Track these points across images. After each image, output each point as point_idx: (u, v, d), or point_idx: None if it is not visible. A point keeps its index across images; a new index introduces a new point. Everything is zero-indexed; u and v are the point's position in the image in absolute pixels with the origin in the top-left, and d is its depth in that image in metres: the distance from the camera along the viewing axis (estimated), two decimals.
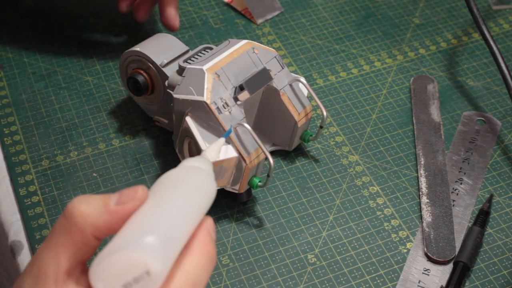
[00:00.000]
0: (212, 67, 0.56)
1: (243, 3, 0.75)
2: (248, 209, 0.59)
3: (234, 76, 0.56)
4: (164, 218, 0.36)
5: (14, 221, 0.58)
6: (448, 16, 0.76)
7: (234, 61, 0.57)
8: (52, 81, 0.68)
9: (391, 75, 0.70)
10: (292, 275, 0.56)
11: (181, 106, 0.56)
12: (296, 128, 0.60)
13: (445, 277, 0.55)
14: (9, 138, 0.64)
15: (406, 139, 0.65)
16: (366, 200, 0.60)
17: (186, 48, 0.62)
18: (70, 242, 0.37)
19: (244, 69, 0.57)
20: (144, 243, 0.35)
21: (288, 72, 0.60)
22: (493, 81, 0.70)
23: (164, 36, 0.63)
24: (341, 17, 0.75)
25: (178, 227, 0.37)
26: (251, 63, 0.58)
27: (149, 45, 0.61)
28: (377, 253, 0.57)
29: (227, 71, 0.56)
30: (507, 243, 0.58)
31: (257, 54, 0.58)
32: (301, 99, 0.60)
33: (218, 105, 0.55)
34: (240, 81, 0.56)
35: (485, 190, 0.61)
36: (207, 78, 0.55)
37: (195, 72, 0.55)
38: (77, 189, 0.60)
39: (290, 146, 0.62)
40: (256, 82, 0.57)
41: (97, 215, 0.37)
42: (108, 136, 0.64)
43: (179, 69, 0.58)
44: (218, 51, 0.58)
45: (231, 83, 0.56)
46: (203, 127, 0.55)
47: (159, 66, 0.60)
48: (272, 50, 0.60)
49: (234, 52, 0.57)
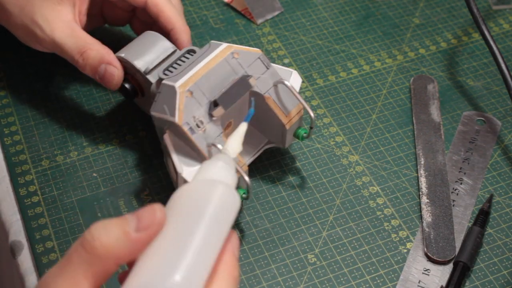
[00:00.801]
0: (185, 83, 0.53)
1: (243, 3, 0.75)
2: (248, 209, 0.59)
3: (210, 89, 0.54)
4: (188, 251, 0.35)
5: (14, 221, 0.58)
6: (448, 16, 0.76)
7: (210, 72, 0.54)
8: (52, 81, 0.68)
9: (391, 75, 0.70)
10: (292, 275, 0.56)
11: (159, 123, 0.55)
12: (285, 130, 0.58)
13: (445, 277, 0.55)
14: (9, 138, 0.64)
15: (406, 139, 0.65)
16: (366, 200, 0.60)
17: (173, 48, 0.60)
18: (91, 273, 0.36)
19: (222, 79, 0.54)
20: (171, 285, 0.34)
21: (274, 72, 0.57)
22: (493, 81, 0.70)
23: (151, 36, 0.61)
24: (341, 17, 0.75)
25: (203, 259, 0.36)
26: (230, 71, 0.55)
27: (134, 48, 0.60)
28: (377, 253, 0.57)
29: (201, 86, 0.53)
30: (507, 243, 0.58)
31: (237, 59, 0.55)
32: (289, 100, 0.57)
33: (191, 125, 0.52)
34: (216, 94, 0.54)
35: (485, 190, 0.61)
36: (179, 97, 0.52)
37: (168, 89, 0.53)
38: (77, 189, 0.60)
39: (283, 144, 0.59)
40: (232, 94, 0.54)
41: (119, 245, 0.36)
42: (108, 136, 0.64)
43: (158, 79, 0.57)
44: (197, 58, 0.55)
45: (206, 97, 0.53)
46: (180, 145, 0.53)
47: (143, 73, 0.59)
48: (256, 51, 0.57)
49: (211, 61, 0.54)
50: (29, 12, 0.59)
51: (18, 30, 0.61)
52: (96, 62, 0.59)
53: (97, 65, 0.59)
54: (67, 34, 0.59)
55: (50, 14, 0.59)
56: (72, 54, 0.59)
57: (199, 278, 0.35)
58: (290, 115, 0.57)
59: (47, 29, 0.59)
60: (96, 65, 0.59)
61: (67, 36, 0.59)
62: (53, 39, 0.59)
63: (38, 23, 0.59)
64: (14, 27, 0.61)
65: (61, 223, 0.58)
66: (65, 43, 0.59)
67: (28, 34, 0.60)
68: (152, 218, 0.36)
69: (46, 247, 0.57)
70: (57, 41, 0.59)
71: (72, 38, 0.59)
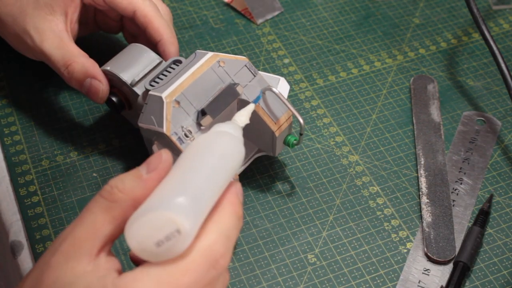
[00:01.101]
0: (172, 93, 0.53)
1: (243, 3, 0.75)
2: (248, 209, 0.59)
3: (197, 98, 0.53)
4: (193, 180, 0.39)
5: (14, 221, 0.58)
6: (448, 16, 0.76)
7: (197, 82, 0.54)
8: (52, 81, 0.68)
9: (391, 75, 0.70)
10: (292, 275, 0.56)
11: (147, 134, 0.55)
12: (275, 138, 0.57)
13: (445, 277, 0.55)
14: (9, 138, 0.64)
15: (406, 139, 0.65)
16: (366, 200, 0.60)
17: (159, 60, 0.60)
18: (110, 219, 0.39)
19: (209, 88, 0.54)
20: (174, 204, 0.37)
21: (261, 79, 0.56)
22: (493, 81, 0.70)
23: (137, 48, 0.61)
24: (341, 17, 0.75)
25: (207, 189, 0.39)
26: (217, 80, 0.55)
27: (120, 61, 0.60)
28: (377, 253, 0.57)
29: (188, 95, 0.53)
30: (507, 243, 0.58)
31: (223, 68, 0.55)
32: (277, 107, 0.57)
33: (179, 135, 0.52)
34: (204, 103, 0.54)
35: (485, 190, 0.61)
36: (166, 108, 0.52)
37: (155, 99, 0.53)
38: (77, 189, 0.60)
39: (273, 152, 0.59)
40: (220, 102, 0.54)
41: (134, 187, 0.39)
42: (108, 136, 0.64)
43: (145, 91, 0.56)
44: (183, 68, 0.55)
45: (193, 107, 0.53)
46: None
47: (129, 85, 0.58)
48: (242, 58, 0.56)
49: (197, 70, 0.54)
50: (21, 22, 0.60)
51: (11, 39, 0.62)
52: (81, 76, 0.59)
53: (82, 79, 0.59)
54: (55, 45, 0.59)
55: (41, 24, 0.59)
56: (58, 66, 0.59)
57: (201, 205, 0.38)
58: (279, 122, 0.57)
59: (37, 39, 0.59)
60: (81, 79, 0.59)
61: (55, 48, 0.59)
62: (41, 50, 0.59)
63: (29, 33, 0.59)
64: (8, 36, 0.62)
65: (61, 223, 0.58)
66: (52, 55, 0.59)
67: (20, 43, 0.61)
68: (159, 159, 0.40)
69: (46, 247, 0.57)
70: (45, 51, 0.59)
71: (59, 49, 0.59)
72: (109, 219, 0.39)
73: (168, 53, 0.61)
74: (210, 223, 0.39)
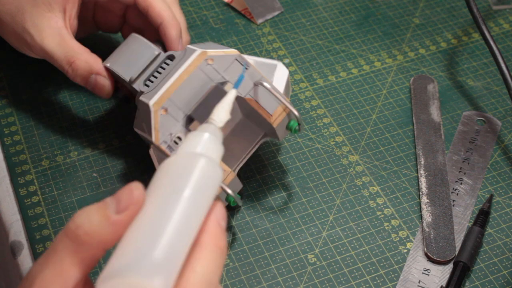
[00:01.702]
0: (159, 100, 0.52)
1: (243, 3, 0.75)
2: (248, 209, 0.59)
3: (186, 102, 0.53)
4: (166, 228, 0.35)
5: (14, 221, 0.58)
6: (448, 16, 0.76)
7: (184, 84, 0.53)
8: (52, 81, 0.68)
9: (391, 75, 0.70)
10: (292, 275, 0.56)
11: (142, 137, 0.55)
12: (273, 128, 0.56)
13: (445, 277, 0.55)
14: (9, 138, 0.64)
15: (406, 139, 0.65)
16: (366, 200, 0.60)
17: (157, 52, 0.59)
18: (77, 260, 0.36)
19: (198, 89, 0.53)
20: (145, 266, 0.34)
21: (253, 72, 0.55)
22: (493, 81, 0.70)
23: (136, 41, 0.60)
24: (341, 17, 0.75)
25: (183, 233, 0.35)
26: (206, 79, 0.54)
27: (119, 56, 0.59)
28: (377, 253, 0.57)
29: (176, 100, 0.53)
30: (507, 243, 0.58)
31: (212, 65, 0.54)
32: (272, 100, 0.55)
33: (168, 143, 0.52)
34: (193, 106, 0.53)
35: (485, 190, 0.61)
36: (154, 116, 0.52)
37: (144, 106, 0.53)
38: (77, 189, 0.60)
39: (278, 138, 0.57)
40: (207, 105, 0.52)
41: (102, 230, 0.36)
42: (108, 136, 0.64)
43: (139, 92, 0.56)
44: (173, 68, 0.54)
45: (182, 112, 0.53)
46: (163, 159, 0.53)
47: (128, 82, 0.58)
48: (232, 52, 0.55)
49: (185, 72, 0.53)
50: (20, 20, 0.60)
51: (11, 38, 0.62)
52: (86, 73, 0.59)
53: (87, 75, 0.59)
54: (56, 42, 0.59)
55: (40, 22, 0.59)
56: (62, 64, 0.59)
57: (176, 256, 0.35)
58: (276, 113, 0.55)
59: (37, 37, 0.59)
60: (86, 76, 0.59)
61: (56, 45, 0.59)
62: (42, 47, 0.59)
63: (29, 31, 0.59)
64: (7, 34, 0.62)
65: (61, 223, 0.58)
66: (54, 52, 0.59)
67: (19, 41, 0.61)
68: (130, 198, 0.36)
69: (46, 247, 0.57)
70: (46, 49, 0.59)
71: (60, 47, 0.59)
72: (77, 261, 0.36)
73: (169, 36, 0.60)
74: (189, 270, 0.36)
